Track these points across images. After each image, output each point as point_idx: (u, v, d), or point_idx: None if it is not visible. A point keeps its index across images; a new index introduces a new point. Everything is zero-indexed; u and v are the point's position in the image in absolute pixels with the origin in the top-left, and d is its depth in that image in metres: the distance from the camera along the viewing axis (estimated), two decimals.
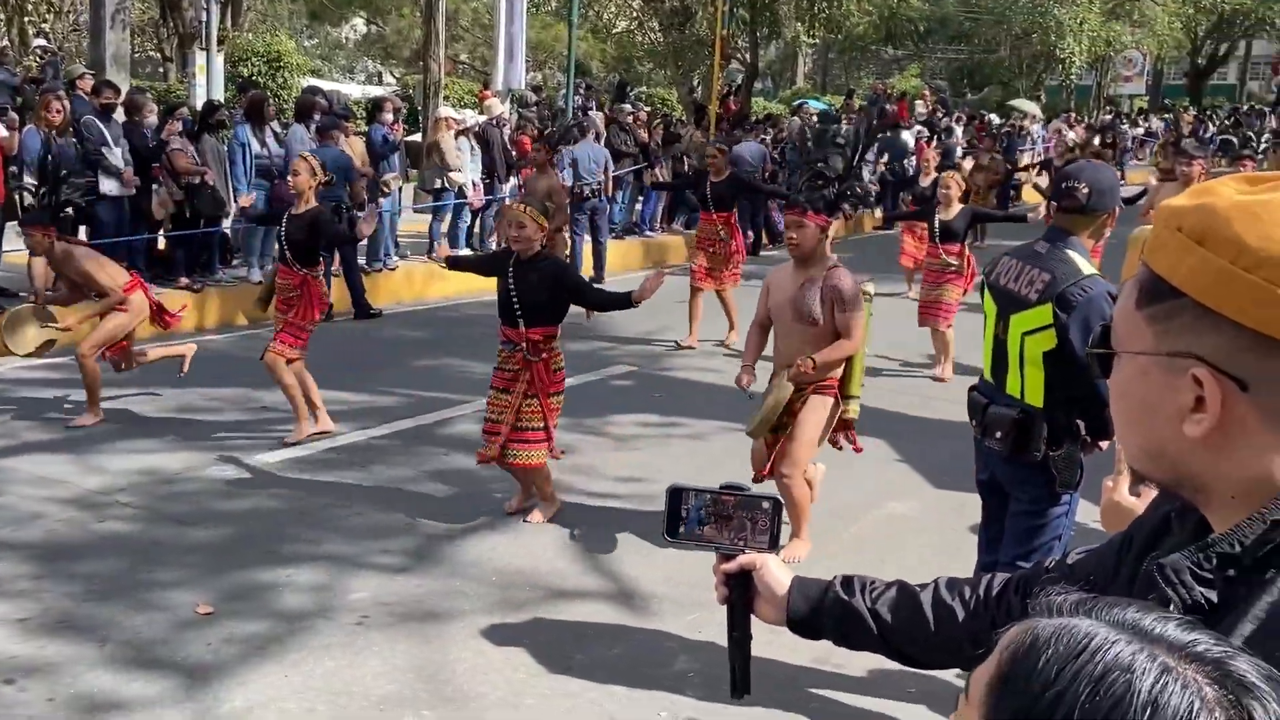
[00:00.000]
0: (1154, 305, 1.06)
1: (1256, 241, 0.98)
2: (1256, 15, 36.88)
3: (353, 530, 5.40)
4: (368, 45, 38.77)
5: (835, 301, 4.88)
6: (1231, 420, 1.02)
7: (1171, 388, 1.04)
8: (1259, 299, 0.97)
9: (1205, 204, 1.03)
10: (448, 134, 11.66)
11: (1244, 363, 1.00)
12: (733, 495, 1.59)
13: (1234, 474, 1.04)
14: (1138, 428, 1.11)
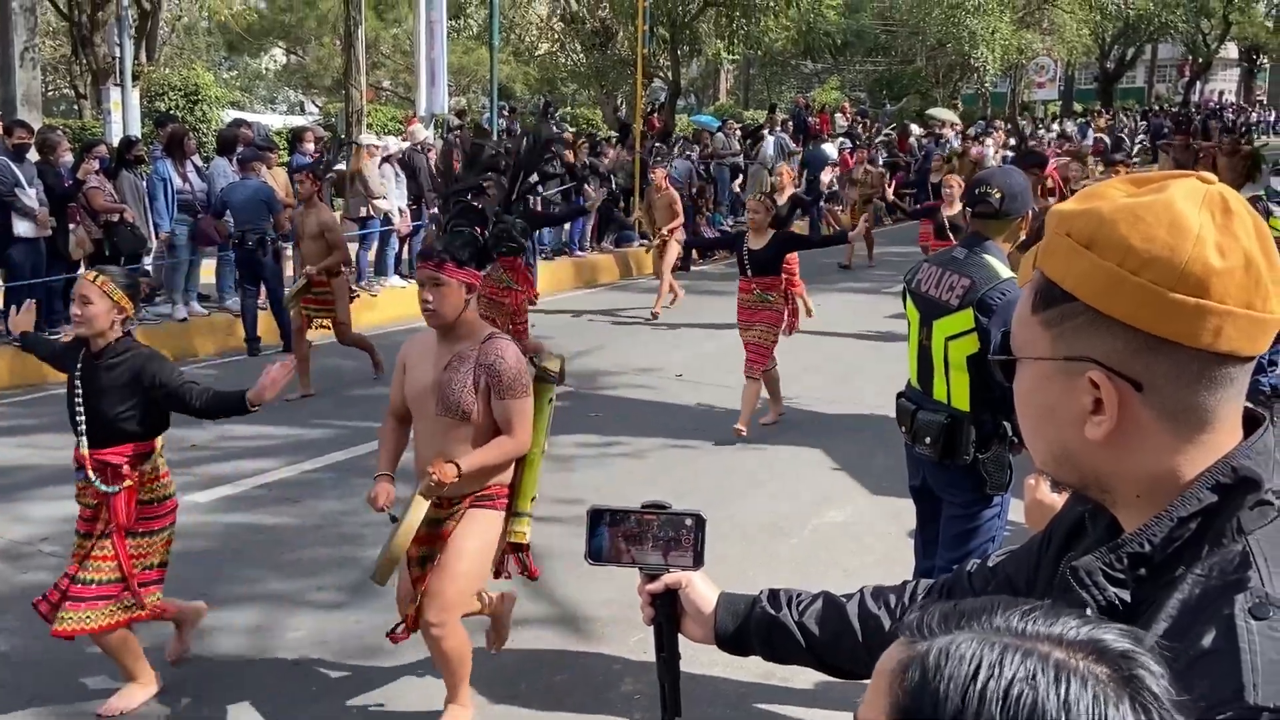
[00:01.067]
0: (1049, 310, 1.06)
1: (1141, 244, 0.98)
2: (1160, 20, 38.08)
3: (288, 568, 5.30)
4: (288, 75, 38.35)
5: (492, 386, 3.57)
6: (1130, 421, 1.03)
7: (1070, 391, 1.05)
8: (1146, 301, 0.98)
9: (1092, 208, 1.03)
10: (370, 162, 11.56)
11: (1138, 364, 1.01)
12: (655, 514, 1.57)
13: (1136, 473, 1.06)
14: (1042, 432, 1.11)
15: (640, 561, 1.57)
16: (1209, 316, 0.97)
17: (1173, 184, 1.02)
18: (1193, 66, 49.30)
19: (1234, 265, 0.97)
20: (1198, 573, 1.00)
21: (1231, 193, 1.02)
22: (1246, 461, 1.02)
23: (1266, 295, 0.99)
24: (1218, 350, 0.99)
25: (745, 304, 7.61)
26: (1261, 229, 1.01)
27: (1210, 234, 0.98)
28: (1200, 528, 1.02)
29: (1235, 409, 1.04)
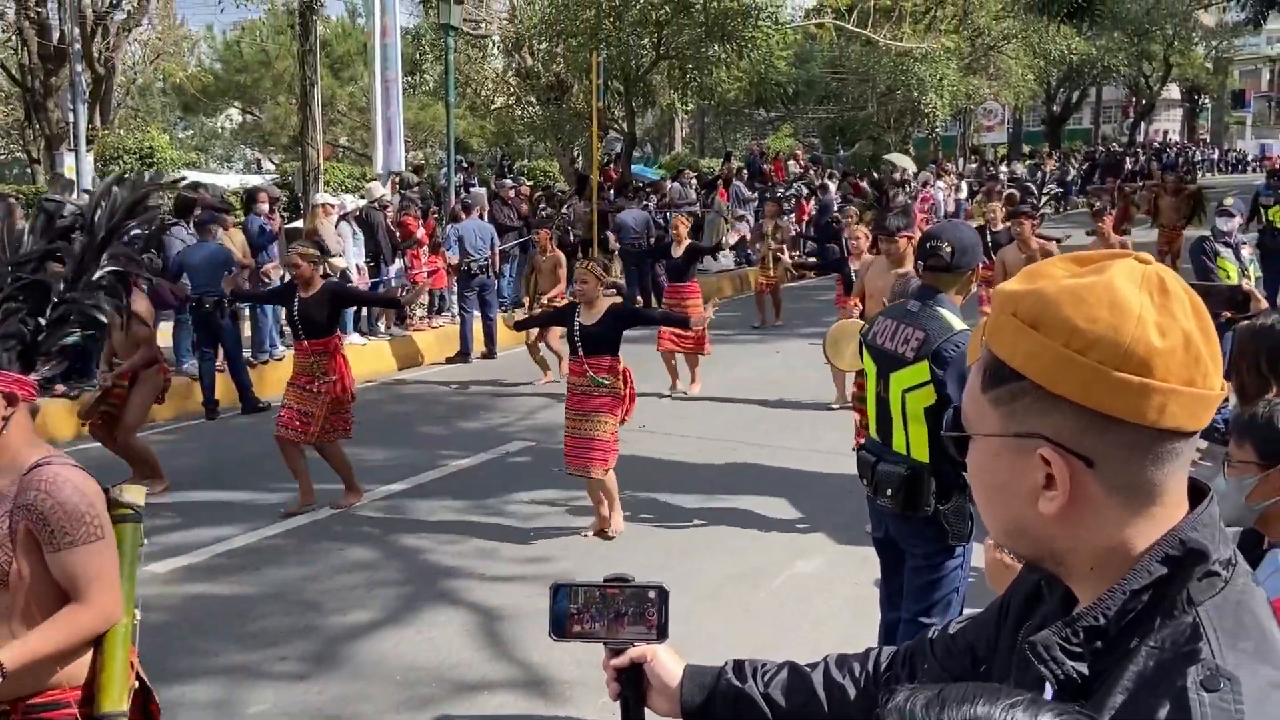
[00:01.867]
0: (998, 388, 1.09)
1: (1085, 324, 1.01)
2: (1103, 64, 39.08)
3: (249, 639, 5.20)
4: (244, 133, 38.30)
5: (38, 534, 2.43)
6: (1081, 496, 1.05)
7: (1022, 467, 1.07)
8: (1092, 380, 1.01)
9: (1036, 289, 1.06)
10: (326, 220, 11.54)
11: (1087, 440, 1.03)
12: (618, 588, 1.57)
13: (1089, 546, 1.08)
14: (996, 507, 1.13)
15: (604, 636, 1.57)
16: (1153, 394, 1.00)
17: (1113, 265, 1.05)
18: (1136, 107, 50.59)
19: (1175, 344, 1.01)
20: (1151, 645, 1.01)
21: (1169, 273, 1.05)
22: (1194, 534, 1.04)
23: (1206, 372, 1.02)
24: (1163, 426, 1.02)
25: (577, 389, 6.42)
26: (1198, 306, 1.04)
27: (1150, 314, 1.01)
28: (1152, 600, 1.03)
29: (1181, 481, 1.07)
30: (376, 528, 6.78)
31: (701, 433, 8.85)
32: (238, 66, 33.32)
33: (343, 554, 6.34)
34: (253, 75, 32.51)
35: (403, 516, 6.98)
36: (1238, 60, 57.79)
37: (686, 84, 20.34)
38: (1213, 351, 1.03)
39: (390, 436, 9.04)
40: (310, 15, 14.56)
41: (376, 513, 7.07)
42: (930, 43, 26.45)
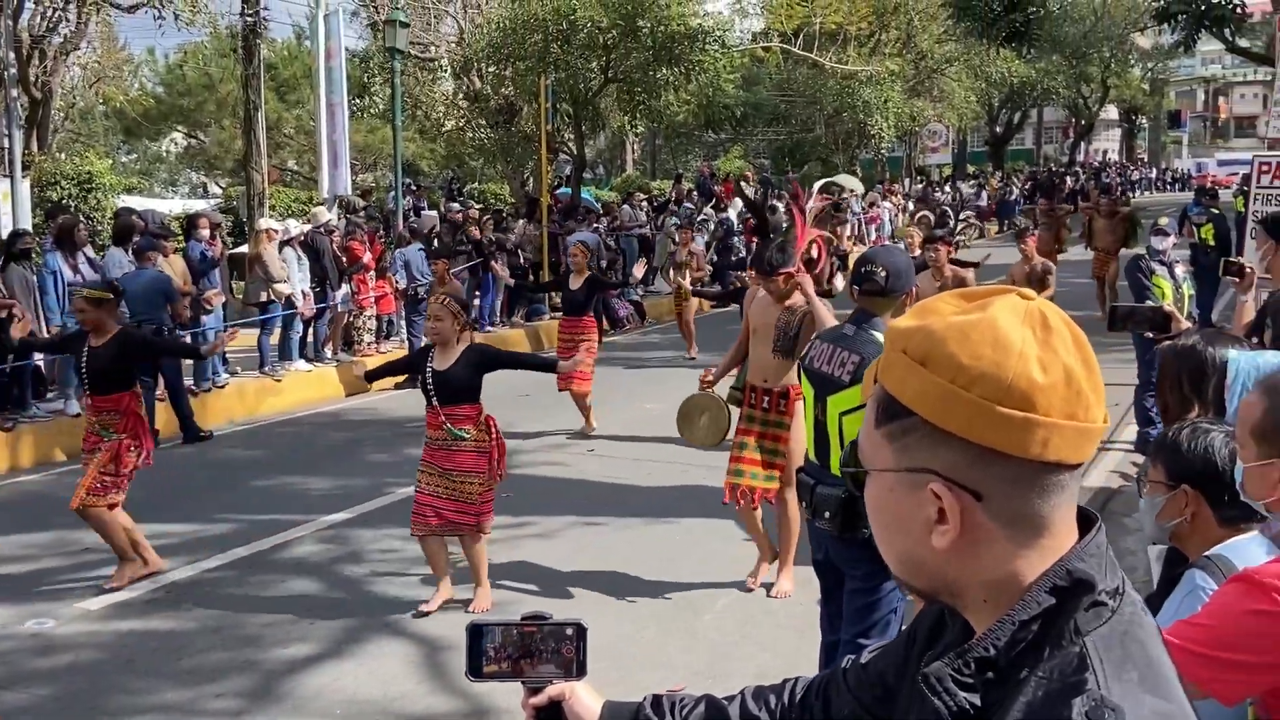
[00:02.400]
0: (891, 423, 1.10)
1: (970, 361, 1.03)
2: (1043, 86, 39.87)
3: (185, 676, 5.08)
4: (189, 158, 37.84)
5: None
6: (972, 529, 1.06)
7: (915, 502, 1.08)
8: (977, 415, 1.03)
9: (924, 325, 1.08)
10: (269, 246, 11.43)
11: (976, 474, 1.05)
12: (535, 626, 1.56)
13: (981, 579, 1.09)
14: (893, 541, 1.14)
15: (522, 675, 1.56)
16: (1036, 429, 1.02)
17: (996, 301, 1.07)
18: (1076, 128, 51.65)
19: (1056, 379, 1.02)
20: (1040, 675, 1.02)
21: (1050, 308, 1.07)
22: (1080, 564, 1.06)
23: (1088, 405, 1.04)
24: (1047, 460, 1.03)
25: (434, 442, 5.70)
26: (1080, 340, 1.06)
27: (1033, 350, 1.03)
28: (1041, 630, 1.05)
29: (1069, 512, 1.09)
30: (319, 559, 6.68)
31: (651, 455, 8.83)
32: (181, 90, 32.92)
33: (283, 586, 6.23)
34: (196, 99, 32.13)
35: (346, 547, 6.88)
36: (1173, 81, 59.28)
37: (635, 107, 20.42)
38: (1094, 384, 1.05)
39: (334, 464, 8.94)
40: (254, 38, 14.47)
41: (319, 544, 6.97)
42: (875, 66, 26.83)
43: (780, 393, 5.48)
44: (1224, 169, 46.51)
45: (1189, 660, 1.83)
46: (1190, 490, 2.34)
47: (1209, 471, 2.28)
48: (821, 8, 25.66)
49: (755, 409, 5.57)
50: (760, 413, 5.56)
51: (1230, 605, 1.84)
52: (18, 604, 6.00)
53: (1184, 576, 2.35)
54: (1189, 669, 1.82)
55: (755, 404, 5.57)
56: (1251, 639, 1.80)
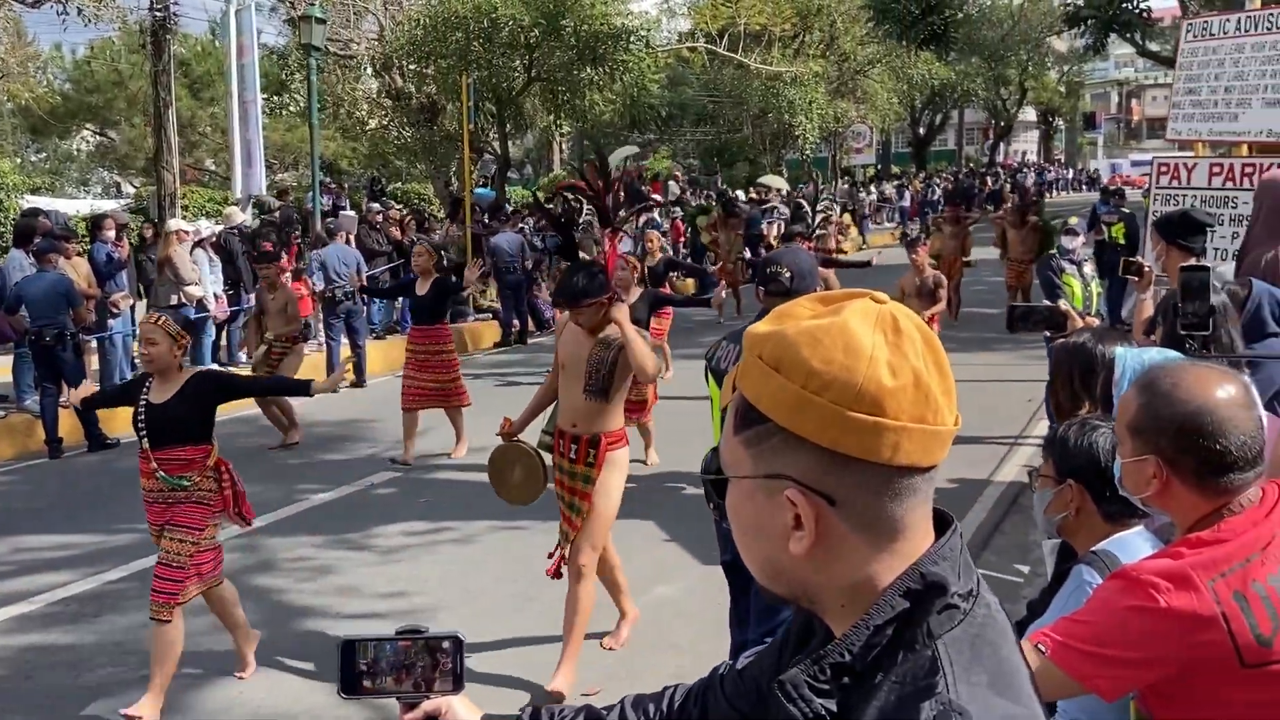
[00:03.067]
0: (748, 430, 1.08)
1: (821, 366, 1.02)
2: (963, 88, 40.68)
3: (84, 691, 4.92)
4: (100, 156, 36.82)
5: None
6: (828, 534, 1.06)
7: (773, 508, 1.07)
8: (829, 421, 1.02)
9: (778, 331, 1.07)
10: (180, 247, 11.14)
11: (830, 480, 1.04)
12: (410, 639, 1.52)
13: (839, 583, 1.08)
14: (753, 547, 1.14)
15: (397, 691, 1.51)
16: (886, 433, 1.01)
17: (848, 305, 1.07)
18: (996, 130, 52.74)
19: (905, 383, 1.02)
20: (893, 679, 1.02)
21: (902, 312, 1.07)
22: (934, 567, 1.06)
23: (938, 408, 1.04)
24: (897, 463, 1.03)
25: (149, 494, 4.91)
26: (930, 343, 1.06)
27: (883, 354, 1.02)
28: (895, 634, 1.04)
29: (924, 515, 1.08)
30: (228, 569, 6.42)
31: None
32: (89, 87, 32.00)
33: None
34: (106, 96, 31.26)
35: (256, 556, 6.72)
36: (1088, 84, 60.85)
37: (559, 106, 20.38)
38: (946, 387, 1.05)
39: (247, 471, 8.58)
40: (163, 33, 14.13)
41: (229, 552, 6.74)
42: (799, 67, 27.12)
43: (590, 439, 4.67)
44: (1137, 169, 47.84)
45: (1070, 656, 1.85)
46: (1075, 485, 2.37)
47: (1094, 467, 2.32)
48: (746, 9, 25.89)
49: (564, 458, 4.76)
50: (568, 463, 4.74)
51: (1110, 602, 1.86)
52: None
53: (1071, 572, 2.38)
54: (1071, 664, 1.84)
55: (564, 451, 4.76)
56: (1130, 635, 1.82)
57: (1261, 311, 4.05)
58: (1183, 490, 1.91)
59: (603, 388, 4.62)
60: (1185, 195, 6.05)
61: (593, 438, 4.67)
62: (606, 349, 4.58)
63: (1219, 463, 1.86)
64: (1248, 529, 1.84)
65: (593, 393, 4.62)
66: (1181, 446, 1.88)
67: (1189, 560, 1.82)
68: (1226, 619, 1.76)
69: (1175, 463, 1.90)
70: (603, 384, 4.61)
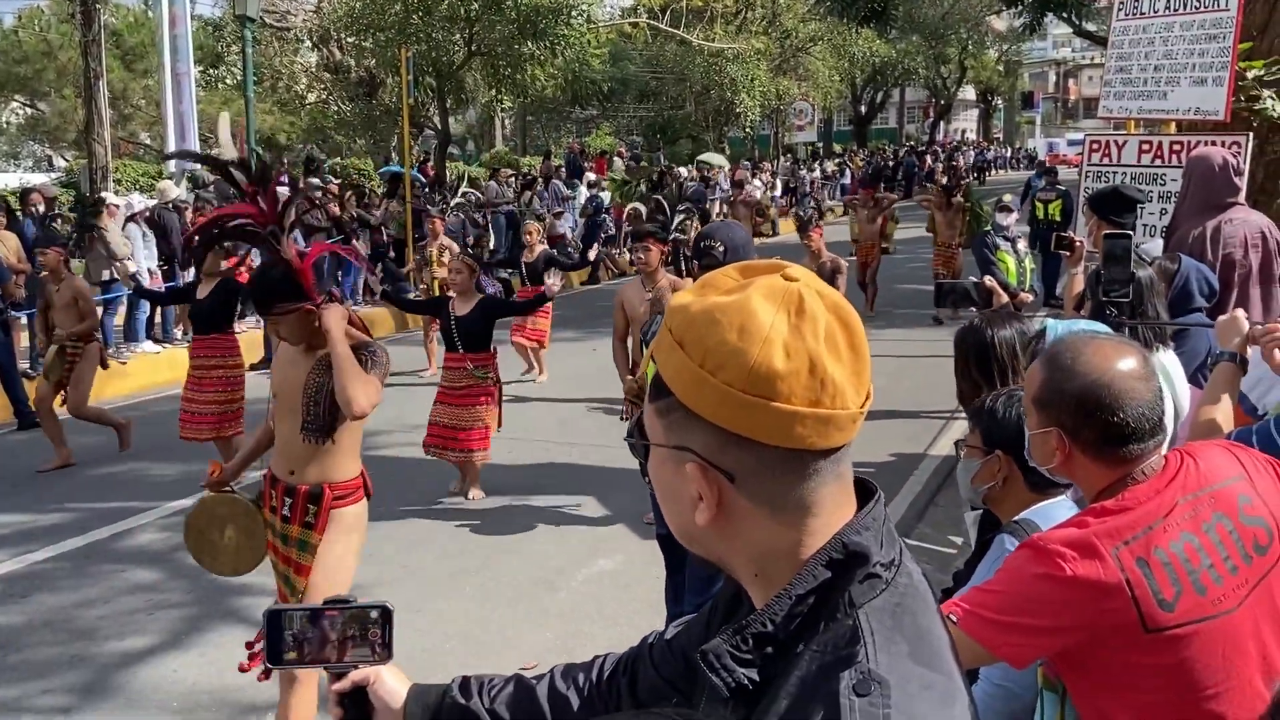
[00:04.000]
0: (658, 400, 1.08)
1: (716, 345, 1.01)
2: (903, 66, 40.96)
3: (9, 672, 4.82)
4: (30, 129, 35.79)
5: None
6: (729, 508, 1.06)
7: (680, 478, 1.07)
8: (723, 401, 1.01)
9: (685, 305, 1.06)
10: (111, 222, 10.88)
11: (728, 457, 1.04)
12: (337, 609, 1.51)
13: (748, 554, 1.09)
14: (670, 511, 1.14)
15: (326, 660, 1.51)
16: (777, 416, 1.00)
17: (755, 282, 1.05)
18: (936, 108, 53.23)
19: (799, 367, 1.00)
20: (815, 649, 1.02)
21: (811, 291, 1.04)
22: (856, 537, 1.05)
23: (835, 393, 1.02)
24: (791, 446, 1.02)
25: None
26: (832, 328, 1.03)
27: (780, 336, 1.01)
28: (817, 604, 1.04)
29: (835, 491, 1.07)
30: (160, 547, 6.41)
31: (518, 433, 8.76)
32: (17, 57, 31.03)
33: (122, 576, 5.97)
34: (35, 66, 30.33)
35: None
36: (1026, 64, 61.66)
37: (500, 81, 20.18)
38: (852, 370, 1.03)
39: (182, 450, 8.57)
40: (94, 3, 13.73)
41: (161, 531, 6.69)
42: (741, 44, 27.11)
43: (310, 493, 3.61)
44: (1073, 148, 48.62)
45: (979, 625, 1.88)
46: (1003, 455, 2.41)
47: (1020, 438, 2.35)
48: None
49: (276, 515, 3.70)
50: (280, 522, 3.69)
51: (1018, 570, 1.90)
52: None
53: (994, 541, 2.42)
54: (980, 633, 1.87)
55: (276, 507, 3.70)
56: (1037, 603, 1.85)
57: (1189, 285, 4.13)
58: (1085, 461, 1.94)
59: (324, 425, 3.58)
60: (1116, 172, 6.14)
61: (313, 490, 3.61)
62: (323, 373, 3.56)
63: (1118, 434, 1.89)
64: (1150, 497, 1.87)
65: (312, 431, 3.58)
66: (1081, 418, 1.90)
67: (1094, 529, 1.85)
68: (1131, 585, 1.79)
69: (1076, 434, 1.92)
70: (324, 420, 3.58)
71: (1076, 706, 1.97)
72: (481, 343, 7.00)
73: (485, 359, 7.03)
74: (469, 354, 6.95)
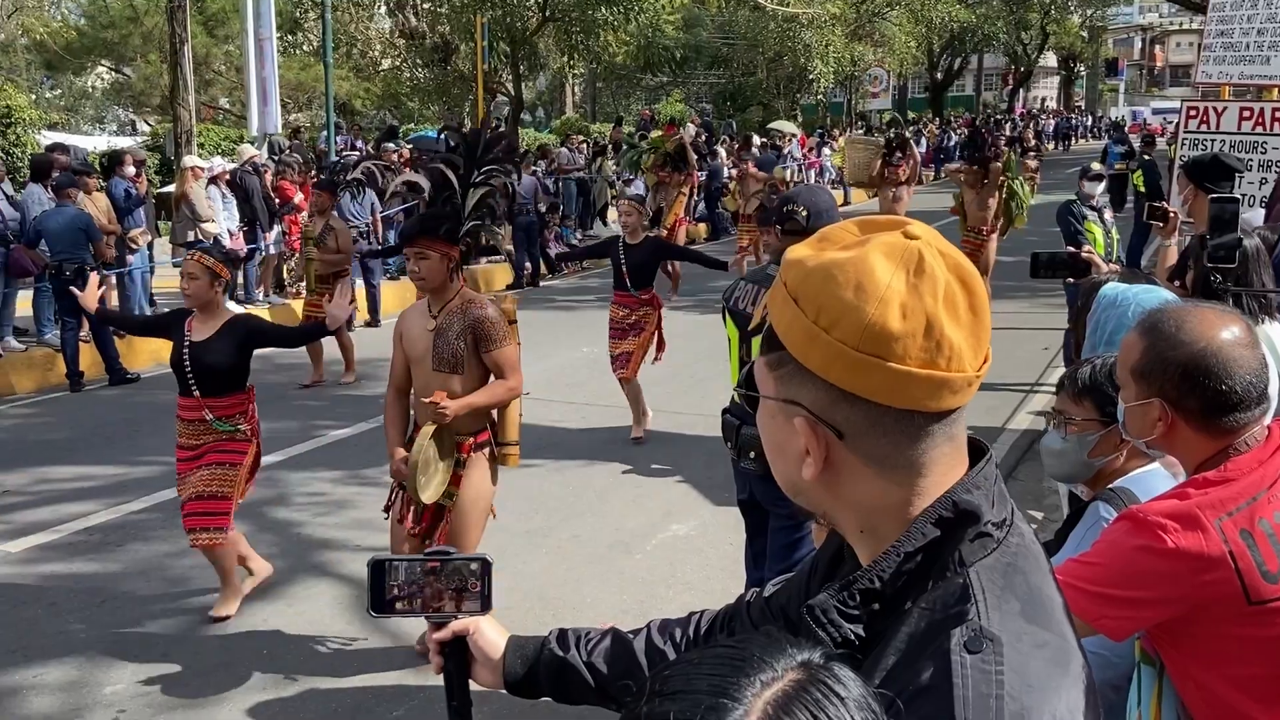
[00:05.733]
0: (770, 353, 1.09)
1: (830, 302, 1.00)
2: (983, 32, 39.98)
3: (107, 618, 5.02)
4: (116, 93, 36.62)
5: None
6: (839, 464, 1.06)
7: (790, 432, 1.07)
8: (835, 358, 1.01)
9: (801, 260, 1.05)
10: (195, 184, 11.12)
11: (838, 414, 1.03)
12: (439, 560, 1.54)
13: (854, 510, 1.09)
14: (777, 464, 1.14)
15: (426, 610, 1.55)
16: (890, 376, 1.00)
17: (874, 239, 1.04)
18: (1015, 75, 51.93)
19: (915, 328, 0.99)
20: (923, 606, 1.02)
21: (932, 250, 1.02)
22: (966, 496, 1.05)
23: (951, 355, 1.00)
24: (903, 407, 1.02)
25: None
26: (968, 284, 1.02)
27: (897, 295, 0.99)
28: (925, 561, 1.04)
29: (947, 453, 1.06)
30: (247, 501, 6.51)
31: (589, 399, 8.84)
32: (104, 22, 31.72)
33: None
34: (121, 31, 30.96)
35: (275, 489, 6.80)
36: (1111, 29, 59.75)
37: (573, 47, 20.15)
38: (969, 333, 1.01)
39: (264, 408, 8.71)
40: None
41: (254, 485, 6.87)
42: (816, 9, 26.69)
43: None
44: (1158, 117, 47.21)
45: (1078, 597, 1.86)
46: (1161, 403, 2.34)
47: None
48: None
49: None
50: None
51: (1118, 543, 1.87)
52: None
53: (1088, 509, 2.40)
54: (1078, 605, 1.85)
55: None
56: (1138, 576, 1.83)
57: None
58: (1188, 432, 1.90)
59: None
60: (1214, 140, 5.97)
61: None
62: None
63: (1224, 403, 1.85)
64: (1254, 468, 1.84)
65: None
66: (1187, 388, 1.87)
67: (1196, 500, 1.82)
68: (1234, 557, 1.76)
69: (1180, 405, 1.89)
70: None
71: (1174, 680, 1.95)
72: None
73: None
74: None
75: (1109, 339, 2.78)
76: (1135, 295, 2.84)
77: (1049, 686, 0.97)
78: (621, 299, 7.79)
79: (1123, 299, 2.83)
